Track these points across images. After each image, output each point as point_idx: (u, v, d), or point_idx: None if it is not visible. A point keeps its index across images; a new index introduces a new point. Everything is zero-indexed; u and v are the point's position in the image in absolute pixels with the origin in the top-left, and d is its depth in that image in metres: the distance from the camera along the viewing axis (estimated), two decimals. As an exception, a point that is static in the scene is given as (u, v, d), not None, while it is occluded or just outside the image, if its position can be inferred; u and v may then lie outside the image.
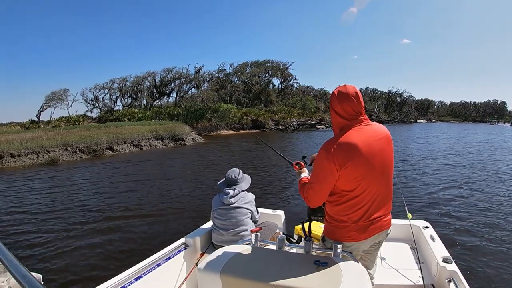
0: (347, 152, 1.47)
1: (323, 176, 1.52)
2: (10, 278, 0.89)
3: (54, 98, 35.40)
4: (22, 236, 5.41)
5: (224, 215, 2.58)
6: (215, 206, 2.64)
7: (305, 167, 1.94)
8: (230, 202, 2.57)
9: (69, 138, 17.65)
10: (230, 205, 2.57)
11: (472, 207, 6.30)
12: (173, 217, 6.17)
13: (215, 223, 2.66)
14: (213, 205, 2.67)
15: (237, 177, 2.68)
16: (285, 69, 48.79)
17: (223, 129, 32.82)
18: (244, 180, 2.74)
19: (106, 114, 38.49)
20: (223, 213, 2.58)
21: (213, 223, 2.69)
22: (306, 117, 41.72)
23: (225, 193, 2.60)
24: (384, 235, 1.69)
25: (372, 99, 64.79)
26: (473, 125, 62.71)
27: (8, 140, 16.79)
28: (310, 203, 1.63)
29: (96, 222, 5.97)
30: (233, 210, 2.57)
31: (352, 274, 1.37)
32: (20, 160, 15.03)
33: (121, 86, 42.12)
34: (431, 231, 2.72)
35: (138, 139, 20.18)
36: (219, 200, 2.63)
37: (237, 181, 2.67)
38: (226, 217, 2.58)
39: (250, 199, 2.68)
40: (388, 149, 1.60)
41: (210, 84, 44.21)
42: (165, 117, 33.30)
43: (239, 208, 2.58)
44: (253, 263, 1.53)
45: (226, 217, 2.58)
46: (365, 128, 1.54)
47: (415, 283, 2.23)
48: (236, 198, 2.59)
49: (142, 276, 2.14)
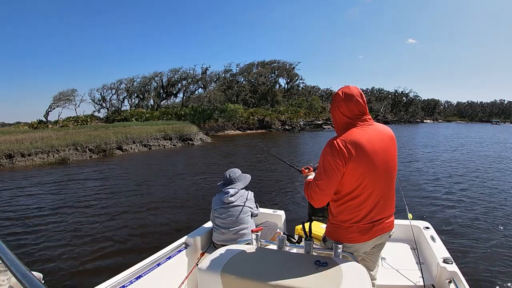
0: (352, 149, 1.46)
1: (328, 173, 1.50)
2: (10, 277, 0.88)
3: (62, 98, 35.65)
4: (22, 235, 5.38)
5: (224, 214, 2.60)
6: (215, 206, 2.66)
7: (313, 171, 1.92)
8: (230, 201, 2.59)
9: (78, 138, 17.71)
10: (230, 204, 2.60)
11: (473, 208, 6.24)
12: (180, 216, 6.11)
13: (215, 223, 2.68)
14: (213, 205, 2.69)
15: (233, 177, 2.71)
16: (291, 69, 48.66)
17: (230, 129, 32.82)
18: (242, 180, 2.76)
19: (114, 114, 38.71)
20: (223, 211, 2.60)
21: (213, 223, 2.71)
22: (312, 117, 41.66)
23: (225, 192, 2.62)
24: (386, 236, 1.68)
25: (379, 99, 64.35)
26: (480, 125, 62.04)
27: (18, 139, 16.93)
28: (315, 202, 1.58)
29: (98, 221, 5.94)
30: (233, 208, 2.60)
31: (352, 274, 1.36)
32: (30, 159, 15.11)
33: (129, 86, 42.35)
34: (432, 231, 2.72)
35: (147, 139, 20.25)
36: (219, 200, 2.65)
37: (233, 181, 2.70)
38: (226, 215, 2.60)
39: (250, 196, 2.70)
40: (391, 149, 1.59)
41: (216, 85, 44.27)
42: (172, 117, 33.42)
43: (239, 206, 2.61)
44: (254, 263, 1.52)
45: (226, 215, 2.60)
46: (369, 127, 1.55)
47: (416, 284, 2.22)
48: (236, 197, 2.62)
49: (142, 276, 2.14)
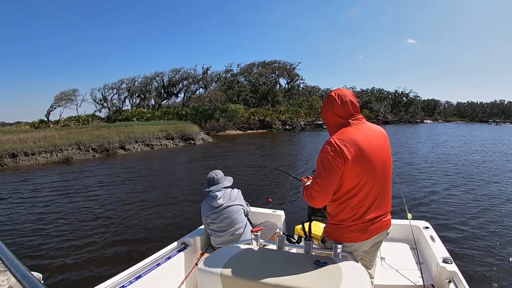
0: (350, 147, 1.48)
1: (328, 171, 1.49)
2: (10, 277, 0.87)
3: (64, 98, 35.62)
4: (22, 235, 5.38)
5: (217, 218, 2.54)
6: (206, 213, 2.59)
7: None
8: (220, 204, 2.54)
9: (81, 138, 17.77)
10: (221, 207, 2.54)
11: (473, 208, 6.24)
12: (180, 216, 6.10)
13: (210, 228, 2.62)
14: (203, 212, 2.62)
15: (218, 176, 2.66)
16: (291, 69, 48.70)
17: (231, 129, 32.87)
18: (227, 179, 2.73)
19: (115, 114, 38.76)
20: (216, 216, 2.55)
21: (208, 229, 2.66)
22: (313, 117, 41.68)
23: (213, 196, 2.57)
24: (384, 235, 1.69)
25: (379, 99, 64.27)
26: (480, 125, 62.07)
27: (21, 139, 16.94)
28: (315, 201, 1.56)
29: (99, 221, 5.94)
30: (224, 210, 2.54)
31: (352, 274, 1.37)
32: (34, 158, 15.16)
33: (130, 86, 42.37)
34: (431, 231, 2.71)
35: (149, 139, 20.33)
36: (208, 205, 2.58)
37: (219, 180, 2.65)
38: (220, 219, 2.54)
39: (237, 194, 2.67)
40: (385, 146, 1.62)
41: (217, 84, 44.22)
42: (173, 117, 33.47)
43: (230, 206, 2.56)
44: (253, 263, 1.52)
45: (220, 219, 2.54)
46: (363, 126, 1.58)
47: (415, 284, 2.22)
48: (225, 198, 2.57)
49: (142, 276, 2.14)
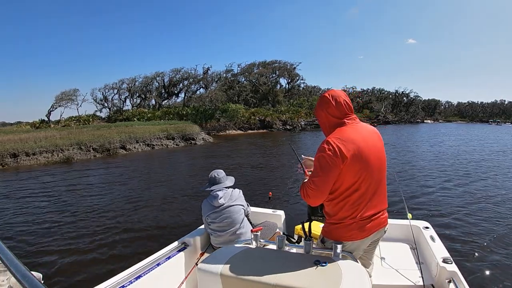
0: (348, 146, 1.50)
1: (325, 170, 1.50)
2: (10, 277, 0.87)
3: (64, 98, 35.57)
4: (22, 235, 5.38)
5: (218, 218, 2.54)
6: (207, 212, 2.59)
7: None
8: (221, 203, 2.53)
9: (82, 137, 17.79)
10: (222, 206, 2.54)
11: (473, 208, 6.25)
12: (180, 216, 6.11)
13: (210, 228, 2.62)
14: (204, 211, 2.62)
15: (220, 176, 2.66)
16: (292, 69, 48.69)
17: (232, 129, 32.87)
18: (229, 178, 2.72)
19: (116, 114, 38.77)
20: (217, 216, 2.55)
21: (208, 228, 2.65)
22: (313, 117, 41.62)
23: (214, 196, 2.57)
24: (382, 232, 1.70)
25: (379, 99, 64.18)
26: (480, 125, 62.06)
27: (22, 139, 16.96)
28: (310, 199, 1.57)
29: (100, 221, 5.94)
30: (225, 210, 2.54)
31: (352, 274, 1.37)
32: (35, 158, 15.18)
33: (130, 86, 42.34)
34: (431, 231, 2.72)
35: (150, 139, 20.34)
36: (209, 205, 2.58)
37: (221, 180, 2.65)
38: (220, 219, 2.54)
39: (238, 194, 2.66)
40: (380, 145, 1.66)
41: (218, 84, 44.17)
42: (174, 117, 33.48)
43: (231, 206, 2.56)
44: (253, 263, 1.52)
45: (220, 219, 2.54)
46: (358, 125, 1.62)
47: (415, 284, 2.22)
48: (226, 198, 2.57)
49: (142, 276, 2.14)
